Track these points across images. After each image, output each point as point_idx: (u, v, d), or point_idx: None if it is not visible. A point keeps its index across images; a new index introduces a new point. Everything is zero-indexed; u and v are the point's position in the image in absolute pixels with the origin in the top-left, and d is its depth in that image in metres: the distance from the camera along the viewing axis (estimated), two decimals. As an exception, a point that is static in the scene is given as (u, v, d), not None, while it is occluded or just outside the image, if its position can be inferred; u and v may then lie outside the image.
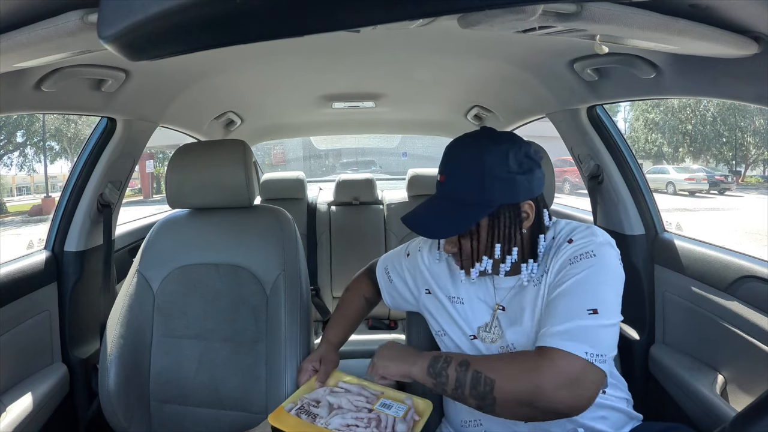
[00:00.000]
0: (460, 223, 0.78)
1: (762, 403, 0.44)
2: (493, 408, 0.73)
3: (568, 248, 0.80)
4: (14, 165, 14.68)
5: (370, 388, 0.94)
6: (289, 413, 0.85)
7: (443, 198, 0.81)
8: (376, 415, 0.84)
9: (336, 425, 0.81)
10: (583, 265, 0.76)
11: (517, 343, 0.83)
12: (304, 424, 0.82)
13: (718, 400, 1.05)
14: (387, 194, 2.56)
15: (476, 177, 0.77)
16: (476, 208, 0.78)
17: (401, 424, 0.82)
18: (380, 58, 1.33)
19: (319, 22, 0.43)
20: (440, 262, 0.96)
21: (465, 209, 0.78)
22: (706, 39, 0.67)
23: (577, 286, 0.75)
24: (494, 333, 0.85)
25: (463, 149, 0.80)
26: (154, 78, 1.25)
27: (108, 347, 1.06)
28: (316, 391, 0.93)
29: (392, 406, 0.86)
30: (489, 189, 0.76)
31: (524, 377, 0.70)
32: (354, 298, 1.12)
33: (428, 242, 0.99)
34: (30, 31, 0.61)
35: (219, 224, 1.18)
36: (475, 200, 0.77)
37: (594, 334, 0.70)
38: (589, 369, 0.68)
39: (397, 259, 1.05)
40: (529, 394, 0.69)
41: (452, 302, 0.91)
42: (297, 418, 0.84)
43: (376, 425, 0.81)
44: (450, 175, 0.80)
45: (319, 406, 0.87)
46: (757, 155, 15.61)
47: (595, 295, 0.73)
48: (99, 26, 0.45)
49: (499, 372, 0.73)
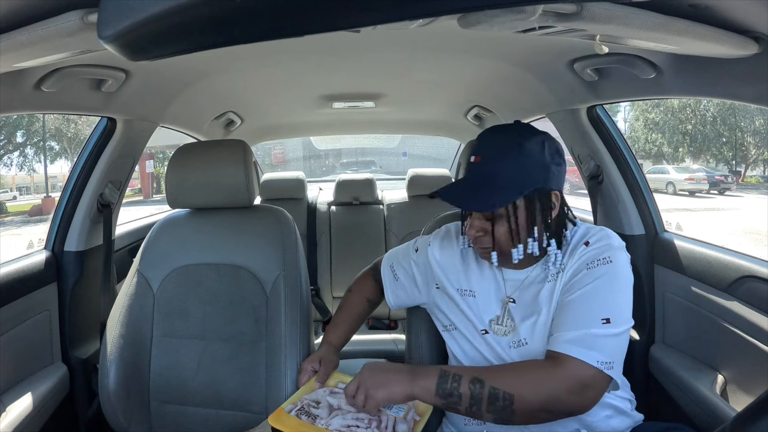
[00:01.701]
0: (500, 198, 0.78)
1: (762, 403, 0.44)
2: (511, 419, 0.74)
3: (585, 251, 0.81)
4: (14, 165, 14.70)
5: None
6: (289, 414, 0.85)
7: (479, 177, 0.81)
8: (376, 416, 0.83)
9: (336, 426, 0.80)
10: (599, 271, 0.78)
11: (529, 338, 0.83)
12: (304, 425, 0.82)
13: (718, 400, 1.05)
14: (387, 194, 2.56)
15: (514, 158, 0.79)
16: (514, 187, 0.79)
17: (402, 425, 0.82)
18: (380, 58, 1.33)
19: (319, 22, 0.43)
20: (459, 250, 0.94)
21: (503, 185, 0.79)
22: (706, 39, 0.67)
23: (592, 294, 0.77)
24: (506, 326, 0.85)
25: (500, 135, 0.83)
26: (154, 78, 1.25)
27: (108, 347, 1.06)
28: (316, 392, 0.92)
29: (393, 407, 0.85)
30: (527, 171, 0.79)
31: (542, 388, 0.72)
32: (356, 299, 1.11)
33: (438, 236, 0.99)
34: (30, 31, 0.61)
35: (219, 224, 1.18)
36: (512, 181, 0.79)
37: (605, 343, 0.73)
38: (599, 376, 0.72)
39: (404, 256, 1.04)
40: (546, 403, 0.72)
41: (463, 296, 0.91)
42: (297, 419, 0.83)
43: (376, 426, 0.81)
44: (486, 156, 0.81)
45: (319, 407, 0.86)
46: (757, 155, 15.61)
47: (609, 303, 0.76)
48: (99, 26, 0.45)
49: (517, 386, 0.73)
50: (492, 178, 0.79)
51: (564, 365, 0.73)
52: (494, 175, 0.79)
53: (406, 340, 1.11)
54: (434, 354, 1.05)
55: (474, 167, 0.82)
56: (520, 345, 0.84)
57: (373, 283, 1.12)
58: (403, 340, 1.81)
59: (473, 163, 0.83)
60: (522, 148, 0.79)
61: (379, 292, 1.10)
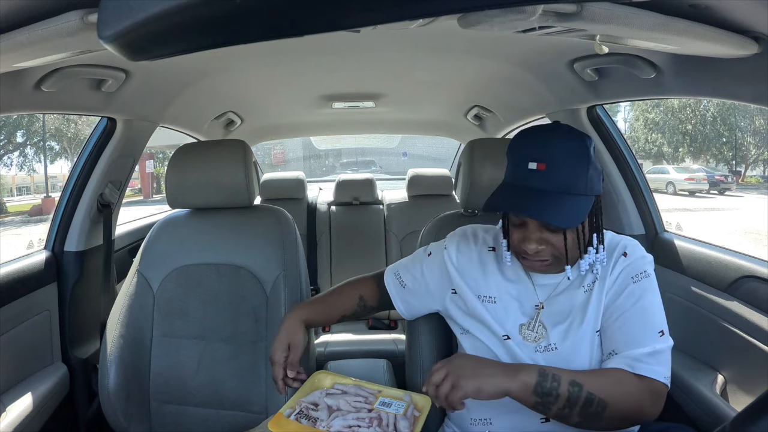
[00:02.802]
0: (579, 213, 0.76)
1: (762, 403, 0.44)
2: (593, 425, 0.75)
3: (624, 261, 0.82)
4: (14, 165, 14.70)
5: (366, 387, 0.93)
6: (289, 419, 0.85)
7: (550, 187, 0.76)
8: (376, 414, 0.83)
9: (338, 427, 0.80)
10: (644, 284, 0.80)
11: (560, 344, 0.82)
12: (305, 428, 0.81)
13: (718, 400, 1.05)
14: (387, 194, 2.56)
15: (583, 169, 0.77)
16: (584, 199, 0.77)
17: (403, 421, 0.82)
18: (380, 58, 1.33)
19: (319, 22, 0.43)
20: (477, 254, 0.91)
21: (575, 199, 0.76)
22: (706, 39, 0.67)
23: (648, 309, 0.79)
24: (537, 332, 0.84)
25: (562, 139, 0.78)
26: (154, 78, 1.25)
27: (108, 347, 1.06)
28: (313, 394, 0.92)
29: (392, 404, 0.86)
30: (592, 181, 0.78)
31: (631, 402, 0.75)
32: (347, 290, 1.01)
33: (454, 240, 0.94)
34: (30, 31, 0.61)
35: (219, 224, 1.18)
36: (582, 191, 0.77)
37: (667, 358, 0.78)
38: (664, 389, 0.78)
39: (413, 263, 0.98)
40: (630, 416, 0.75)
41: (482, 301, 0.88)
42: (297, 423, 0.83)
43: (378, 424, 0.81)
44: (553, 164, 0.76)
45: (318, 409, 0.86)
46: (757, 155, 15.61)
47: (659, 316, 0.80)
48: (99, 26, 0.45)
49: (611, 396, 0.74)
50: (561, 192, 0.76)
51: (648, 383, 0.76)
52: (563, 188, 0.76)
53: (406, 340, 1.11)
54: (434, 354, 1.05)
55: (536, 176, 0.76)
56: (548, 350, 0.82)
57: (372, 285, 1.01)
58: (403, 340, 1.81)
59: (535, 170, 0.77)
60: (589, 157, 0.77)
61: (375, 296, 1.01)
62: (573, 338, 0.81)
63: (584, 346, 0.81)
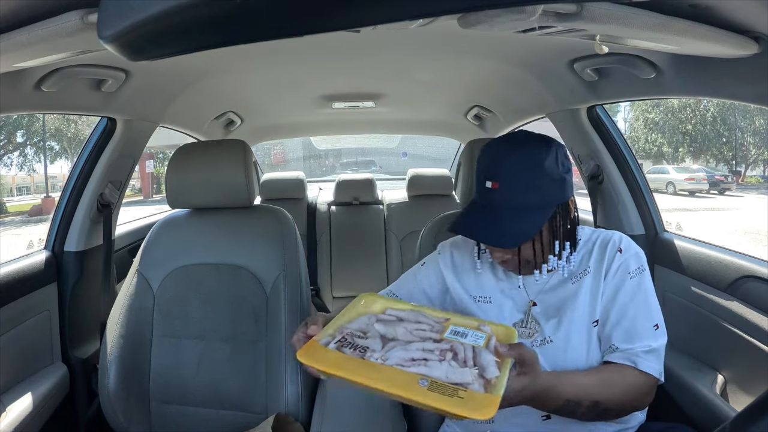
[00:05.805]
0: (529, 229, 0.77)
1: (762, 403, 0.44)
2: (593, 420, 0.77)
3: (621, 258, 0.83)
4: (14, 165, 14.69)
5: (430, 315, 0.73)
6: (327, 348, 0.64)
7: (499, 206, 0.78)
8: (449, 345, 0.64)
9: (396, 360, 0.60)
10: (639, 280, 0.82)
11: (553, 336, 0.83)
12: (350, 360, 0.61)
13: (718, 400, 1.05)
14: (387, 194, 2.56)
15: (536, 182, 0.77)
16: (539, 212, 0.78)
17: (486, 355, 0.62)
18: (380, 58, 1.33)
19: (319, 22, 0.43)
20: (471, 257, 0.92)
21: (528, 214, 0.77)
22: (706, 39, 0.67)
23: (644, 304, 0.81)
24: (531, 328, 0.85)
25: (514, 154, 0.78)
26: (154, 78, 1.25)
27: (108, 347, 1.06)
28: (358, 320, 0.70)
29: (467, 334, 0.67)
30: (548, 192, 0.78)
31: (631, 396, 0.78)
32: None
33: (446, 246, 0.96)
34: (30, 31, 0.61)
35: (219, 224, 1.18)
36: (537, 204, 0.78)
37: (662, 354, 0.81)
38: (657, 384, 0.81)
39: (406, 279, 0.99)
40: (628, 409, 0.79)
41: (477, 302, 0.90)
42: (339, 353, 0.63)
43: (452, 357, 0.62)
44: (505, 182, 0.78)
45: (367, 337, 0.66)
46: (757, 155, 15.60)
47: (654, 311, 0.82)
48: (99, 26, 0.45)
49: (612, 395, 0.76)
50: (515, 209, 0.77)
51: (643, 376, 0.79)
52: (516, 205, 0.77)
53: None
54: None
55: (491, 194, 0.78)
56: (544, 343, 0.83)
57: None
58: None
59: (490, 189, 0.78)
60: (543, 169, 0.77)
61: None
62: (566, 329, 0.82)
63: (579, 337, 0.82)
